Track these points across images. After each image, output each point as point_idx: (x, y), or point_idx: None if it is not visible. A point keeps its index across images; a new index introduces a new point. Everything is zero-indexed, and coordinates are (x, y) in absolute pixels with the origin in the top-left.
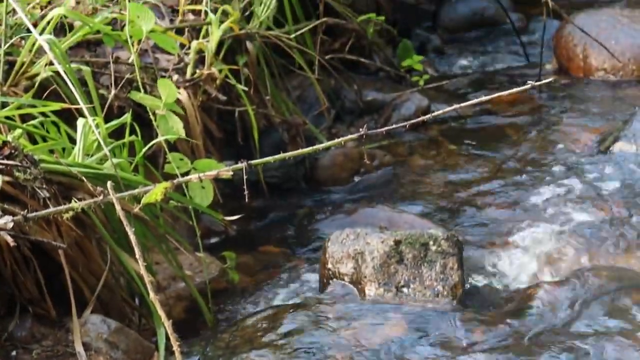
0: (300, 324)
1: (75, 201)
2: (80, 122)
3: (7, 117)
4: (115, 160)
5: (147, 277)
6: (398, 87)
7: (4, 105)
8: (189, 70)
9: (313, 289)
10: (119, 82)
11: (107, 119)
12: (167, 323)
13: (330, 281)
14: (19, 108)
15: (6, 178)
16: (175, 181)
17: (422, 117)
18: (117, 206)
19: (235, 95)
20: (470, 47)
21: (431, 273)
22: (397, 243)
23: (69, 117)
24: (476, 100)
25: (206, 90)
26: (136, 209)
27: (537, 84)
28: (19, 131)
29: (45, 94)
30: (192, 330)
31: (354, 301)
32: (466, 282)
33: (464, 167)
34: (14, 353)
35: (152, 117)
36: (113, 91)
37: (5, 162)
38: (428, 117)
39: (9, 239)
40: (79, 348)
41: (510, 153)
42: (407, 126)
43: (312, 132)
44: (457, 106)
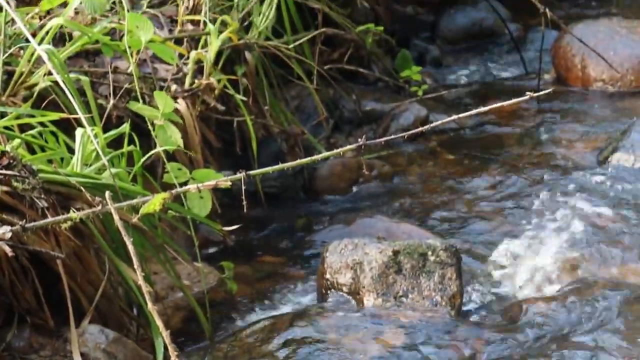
0: (299, 334)
1: (74, 211)
2: (78, 132)
3: (6, 127)
4: (113, 170)
5: (146, 287)
6: (397, 97)
7: (2, 115)
8: (187, 80)
9: (311, 299)
10: (118, 92)
11: (105, 129)
12: (165, 333)
13: (329, 291)
14: (17, 118)
15: (5, 188)
16: (174, 191)
17: (421, 128)
18: (116, 216)
19: (233, 105)
20: (469, 57)
21: (429, 283)
22: (396, 253)
23: (67, 127)
24: (475, 111)
25: (205, 100)
26: (134, 219)
27: (535, 94)
28: (17, 141)
29: (44, 104)
30: (190, 341)
31: (353, 311)
32: (464, 292)
33: (462, 177)
34: None
35: (150, 127)
36: (112, 101)
37: (4, 172)
38: (427, 127)
39: (8, 249)
40: (77, 358)
41: (509, 163)
42: (406, 136)
43: (311, 142)
44: (455, 117)
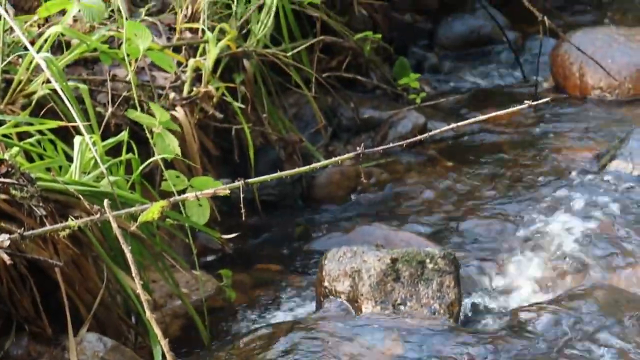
0: (297, 342)
1: (72, 219)
2: (77, 140)
3: (4, 135)
4: (112, 178)
5: (144, 296)
6: (395, 105)
7: (1, 123)
8: (186, 88)
9: (309, 307)
10: (116, 100)
11: (104, 137)
12: (164, 341)
13: (327, 299)
14: (16, 126)
15: (3, 196)
16: (172, 199)
17: (419, 136)
18: (114, 224)
19: (232, 113)
20: (467, 65)
21: (428, 291)
22: (394, 261)
23: (66, 135)
24: (473, 120)
25: (203, 108)
26: (133, 227)
27: (534, 103)
28: (15, 149)
29: (42, 112)
30: (188, 349)
31: (351, 319)
32: (463, 300)
33: (460, 184)
34: None
35: (148, 135)
36: (110, 109)
37: (2, 180)
38: (425, 135)
39: (6, 257)
40: None
41: (507, 171)
42: (405, 145)
43: (309, 149)
44: (454, 125)
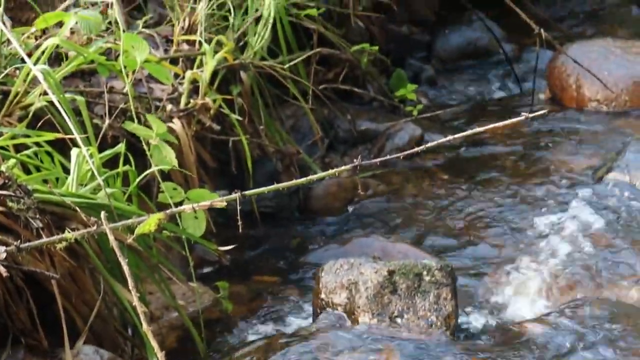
0: (294, 354)
1: (69, 231)
2: (74, 151)
3: (1, 147)
4: (108, 190)
5: (141, 308)
6: (392, 117)
7: None
8: (183, 100)
9: (306, 318)
10: (113, 111)
11: (101, 149)
12: (160, 354)
13: (324, 311)
14: (13, 138)
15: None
16: (169, 211)
17: (416, 148)
18: (111, 236)
19: (229, 125)
20: (464, 77)
21: (425, 303)
22: (391, 273)
23: (63, 146)
24: (470, 132)
25: (200, 119)
26: (130, 240)
27: (531, 115)
28: (12, 161)
29: (39, 124)
30: None
31: (348, 331)
32: (460, 312)
33: (457, 196)
34: None
35: (145, 147)
36: (107, 121)
37: None
38: (422, 148)
39: (2, 269)
40: None
41: (504, 183)
42: (402, 156)
43: (306, 161)
44: (451, 137)
